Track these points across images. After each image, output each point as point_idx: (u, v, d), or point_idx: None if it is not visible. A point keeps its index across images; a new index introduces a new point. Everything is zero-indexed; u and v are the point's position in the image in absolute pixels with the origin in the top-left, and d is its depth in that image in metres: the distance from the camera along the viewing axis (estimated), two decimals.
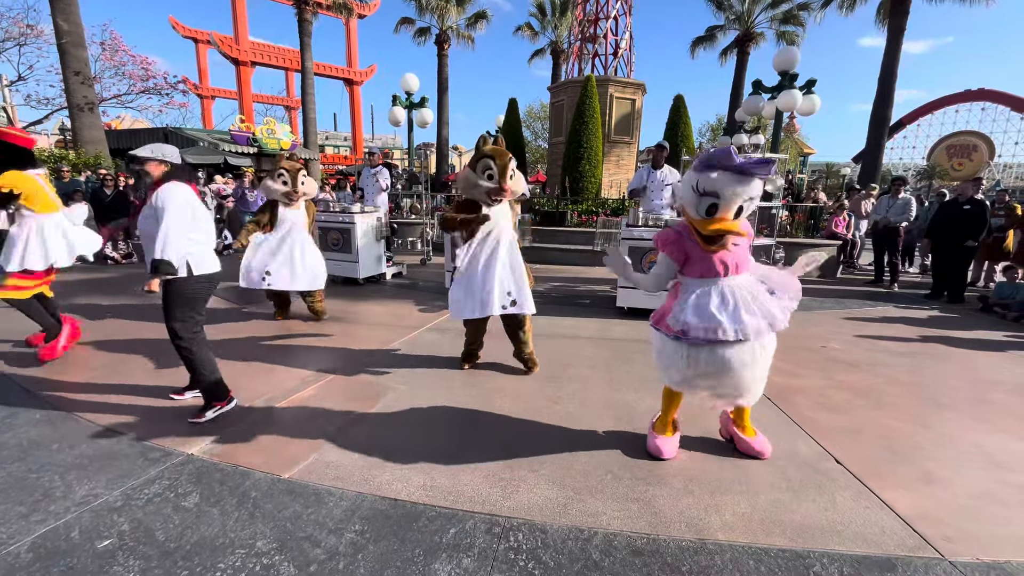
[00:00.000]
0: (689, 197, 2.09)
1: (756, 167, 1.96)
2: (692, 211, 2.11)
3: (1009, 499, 2.16)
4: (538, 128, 33.86)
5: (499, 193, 3.06)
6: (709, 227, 2.05)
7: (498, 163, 3.05)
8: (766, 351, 2.18)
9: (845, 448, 2.56)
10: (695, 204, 2.07)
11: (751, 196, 2.04)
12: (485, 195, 3.11)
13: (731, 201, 2.01)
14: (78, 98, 11.09)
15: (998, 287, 6.14)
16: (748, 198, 2.04)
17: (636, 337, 4.47)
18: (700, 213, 2.07)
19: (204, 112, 28.30)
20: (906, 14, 14.62)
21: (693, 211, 2.10)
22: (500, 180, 3.05)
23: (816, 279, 7.92)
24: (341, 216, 6.28)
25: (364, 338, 4.30)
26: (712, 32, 20.81)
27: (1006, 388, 3.48)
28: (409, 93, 8.81)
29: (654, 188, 6.16)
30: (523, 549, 1.79)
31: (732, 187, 1.97)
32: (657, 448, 2.42)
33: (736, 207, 2.04)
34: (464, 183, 3.22)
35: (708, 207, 2.04)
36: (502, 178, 3.05)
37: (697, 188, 2.03)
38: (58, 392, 3.06)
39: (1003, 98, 35.63)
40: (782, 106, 6.90)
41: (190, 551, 1.75)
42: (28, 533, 1.82)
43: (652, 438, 2.47)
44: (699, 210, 2.07)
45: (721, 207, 2.02)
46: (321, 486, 2.15)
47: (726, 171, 1.97)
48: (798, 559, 1.77)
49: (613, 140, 12.14)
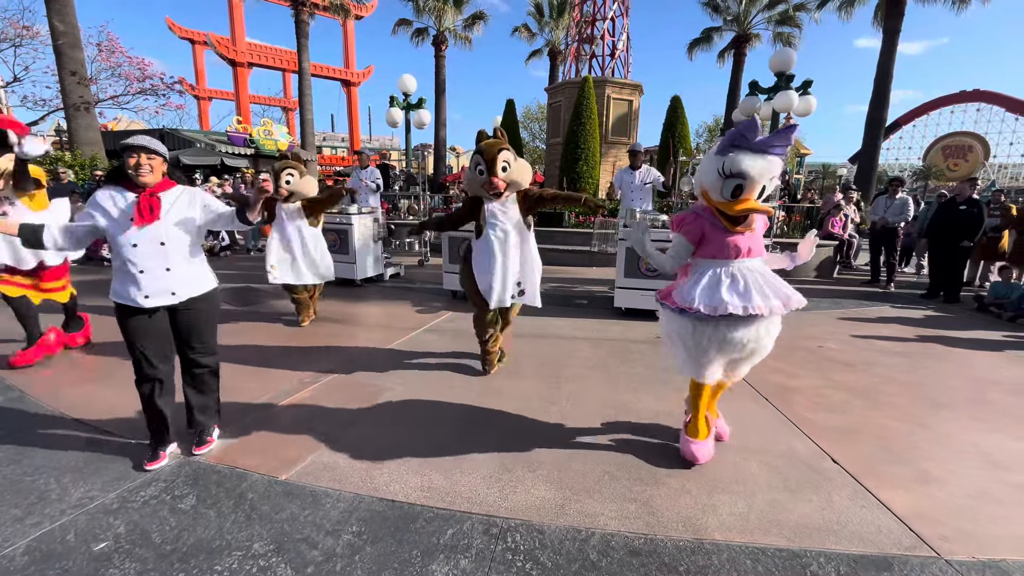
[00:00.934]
0: (712, 180, 2.04)
1: (780, 140, 1.93)
2: (716, 194, 2.06)
3: (1005, 498, 2.17)
4: (536, 129, 33.89)
5: (490, 186, 3.05)
6: (736, 208, 2.01)
7: (486, 156, 3.03)
8: (770, 334, 2.18)
9: (842, 448, 2.56)
10: (719, 187, 2.02)
11: (773, 175, 2.01)
12: (481, 189, 3.12)
13: (757, 181, 1.97)
14: (74, 99, 11.05)
15: (993, 287, 6.17)
16: (770, 177, 2.01)
17: (633, 337, 4.47)
18: (725, 195, 2.02)
19: (201, 113, 28.22)
20: (901, 16, 14.70)
21: (717, 194, 2.05)
22: (489, 173, 3.04)
23: (813, 279, 7.94)
24: (338, 217, 6.27)
25: (361, 339, 4.30)
26: (709, 34, 20.86)
27: (1003, 388, 3.49)
28: (407, 94, 8.81)
29: (634, 189, 6.18)
30: (521, 550, 1.79)
31: (758, 167, 1.94)
32: (692, 454, 2.35)
33: (760, 187, 2.01)
34: (468, 183, 3.27)
35: (734, 188, 2.00)
36: (490, 171, 3.04)
37: (723, 170, 1.98)
38: (53, 394, 3.04)
39: (998, 99, 35.79)
40: (779, 107, 6.93)
41: (186, 553, 1.75)
42: (23, 536, 1.81)
43: (686, 443, 2.40)
44: (724, 192, 2.02)
45: (747, 188, 1.98)
46: (318, 487, 2.14)
47: (750, 151, 1.95)
48: (795, 558, 1.77)
49: (610, 141, 12.17)
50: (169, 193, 2.20)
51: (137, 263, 2.13)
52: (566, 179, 10.95)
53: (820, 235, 9.01)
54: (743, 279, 2.09)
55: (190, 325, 2.31)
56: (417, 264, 8.50)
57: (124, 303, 2.17)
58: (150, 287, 2.15)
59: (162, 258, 2.16)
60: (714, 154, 2.04)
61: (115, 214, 2.12)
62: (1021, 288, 5.73)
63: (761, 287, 2.09)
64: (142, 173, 2.10)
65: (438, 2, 20.59)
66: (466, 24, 22.39)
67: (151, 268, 2.15)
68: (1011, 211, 7.05)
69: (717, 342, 2.14)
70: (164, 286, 2.18)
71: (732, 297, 2.05)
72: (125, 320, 2.20)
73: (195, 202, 2.26)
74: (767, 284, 2.11)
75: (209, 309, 2.36)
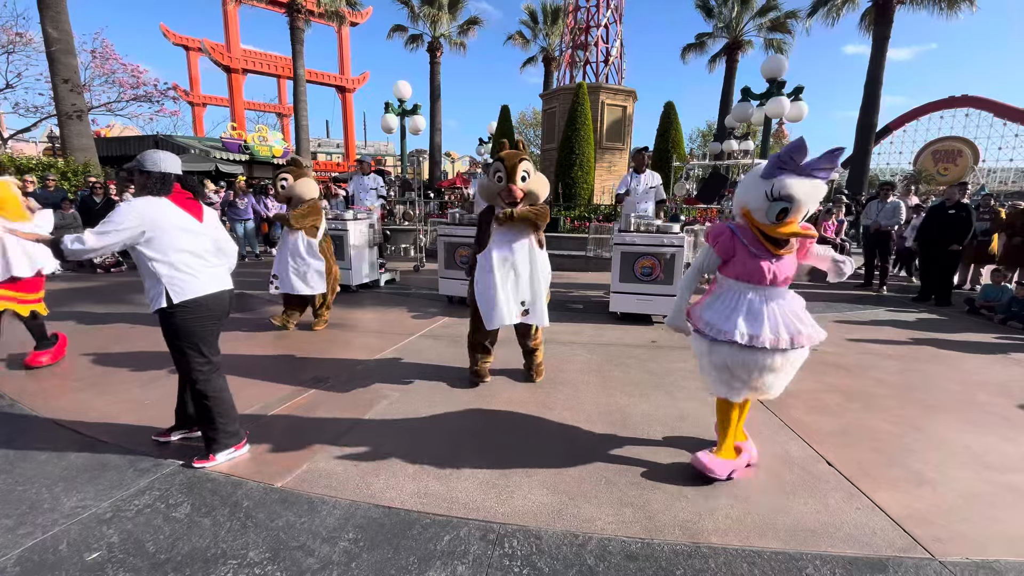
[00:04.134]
0: (758, 202, 2.01)
1: (826, 163, 1.93)
2: (761, 217, 2.02)
3: (998, 499, 2.19)
4: (530, 135, 34.04)
5: (508, 194, 3.06)
6: (780, 231, 2.00)
7: (507, 164, 3.05)
8: (789, 361, 2.12)
9: (836, 451, 2.58)
10: (766, 210, 1.99)
11: (818, 198, 2.00)
12: (498, 196, 3.13)
13: (803, 205, 1.97)
14: (67, 106, 10.99)
15: (984, 289, 6.24)
16: (816, 200, 2.00)
17: (629, 342, 4.48)
18: (771, 218, 2.00)
19: (195, 119, 28.14)
20: (890, 23, 14.92)
21: (762, 216, 2.02)
22: (508, 180, 3.04)
23: (806, 283, 8.00)
24: (333, 223, 6.26)
25: (357, 345, 4.28)
26: (702, 40, 21.10)
27: (994, 389, 3.53)
28: (401, 100, 8.84)
29: (638, 192, 6.22)
30: (518, 555, 1.79)
31: (804, 191, 1.93)
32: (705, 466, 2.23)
33: (806, 211, 2.01)
34: (482, 190, 3.27)
35: (779, 211, 1.98)
36: (510, 179, 3.04)
37: (771, 193, 1.95)
38: (45, 402, 3.01)
39: (986, 104, 36.29)
40: (770, 113, 7.00)
41: (181, 562, 1.73)
42: (15, 546, 1.79)
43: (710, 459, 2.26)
44: (769, 215, 2.00)
45: (792, 211, 1.97)
46: (314, 495, 2.13)
47: (798, 174, 1.94)
48: (791, 561, 1.78)
49: (605, 146, 12.25)
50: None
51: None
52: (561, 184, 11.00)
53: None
54: (761, 309, 2.08)
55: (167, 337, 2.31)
56: (412, 270, 8.50)
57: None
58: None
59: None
60: (760, 176, 2.00)
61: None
62: (1011, 291, 5.79)
63: (776, 319, 2.07)
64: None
65: (433, 8, 20.72)
66: (461, 30, 22.52)
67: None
68: (1000, 215, 7.15)
69: (733, 364, 2.12)
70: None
71: (742, 325, 2.05)
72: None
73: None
74: (783, 317, 2.09)
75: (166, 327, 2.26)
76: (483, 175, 3.49)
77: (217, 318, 2.37)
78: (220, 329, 2.43)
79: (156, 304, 2.20)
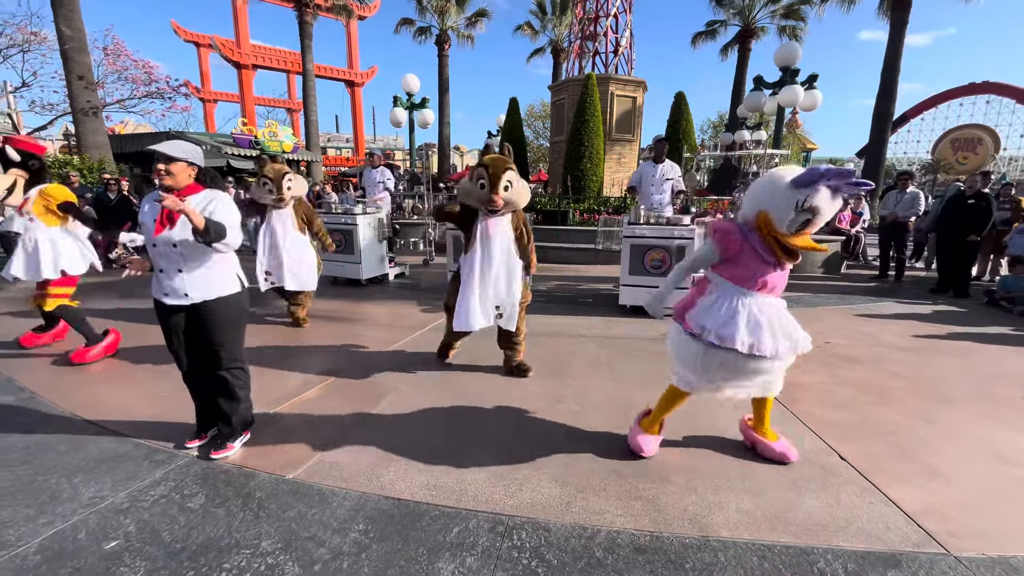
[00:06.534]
0: (783, 211, 1.99)
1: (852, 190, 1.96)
2: (783, 226, 2.02)
3: (1015, 494, 2.15)
4: (539, 127, 33.84)
5: (489, 203, 3.05)
6: (795, 242, 2.02)
7: (490, 172, 3.01)
8: (782, 365, 2.19)
9: (849, 444, 2.55)
10: (792, 220, 1.99)
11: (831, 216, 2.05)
12: (479, 203, 3.12)
13: (824, 219, 2.00)
14: (82, 103, 11.15)
15: (1003, 280, 6.09)
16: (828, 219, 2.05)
17: (639, 335, 4.46)
18: (792, 228, 2.01)
19: (206, 115, 28.40)
20: (908, 7, 14.56)
21: (783, 225, 2.01)
22: (491, 190, 3.02)
23: (820, 275, 7.89)
24: (343, 217, 6.29)
25: (367, 339, 4.31)
26: (713, 27, 20.75)
27: (1013, 382, 3.45)
28: (410, 94, 8.84)
29: (655, 183, 6.14)
30: (526, 547, 1.80)
31: (831, 208, 1.97)
32: (638, 445, 2.40)
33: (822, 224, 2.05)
34: (462, 190, 3.24)
35: (803, 223, 2.00)
36: (493, 189, 3.01)
37: (801, 205, 1.95)
38: (64, 394, 3.08)
39: (1008, 90, 35.28)
40: (784, 102, 6.89)
41: (196, 551, 1.77)
42: (36, 535, 1.84)
43: (635, 433, 2.46)
44: (792, 226, 2.00)
45: (812, 223, 2.00)
46: (325, 486, 2.16)
47: (831, 190, 1.94)
48: (802, 555, 1.76)
49: (614, 138, 12.12)
50: (191, 199, 2.19)
51: (156, 263, 2.25)
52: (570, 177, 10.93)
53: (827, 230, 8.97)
54: (759, 316, 2.08)
55: (205, 328, 2.30)
56: (422, 264, 8.52)
57: (154, 298, 2.32)
58: (167, 287, 2.25)
59: (175, 260, 2.22)
60: (791, 185, 1.97)
61: (146, 217, 2.23)
62: None
63: (774, 328, 2.08)
64: (162, 181, 2.14)
65: (441, 0, 20.61)
66: (469, 22, 22.42)
67: (166, 269, 2.24)
68: (1021, 204, 6.97)
69: (726, 368, 2.14)
70: (178, 287, 2.24)
71: (744, 333, 2.05)
72: (158, 314, 2.34)
73: (206, 210, 2.23)
74: (780, 324, 2.11)
75: (226, 313, 2.32)
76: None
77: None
78: None
79: (227, 289, 2.33)
